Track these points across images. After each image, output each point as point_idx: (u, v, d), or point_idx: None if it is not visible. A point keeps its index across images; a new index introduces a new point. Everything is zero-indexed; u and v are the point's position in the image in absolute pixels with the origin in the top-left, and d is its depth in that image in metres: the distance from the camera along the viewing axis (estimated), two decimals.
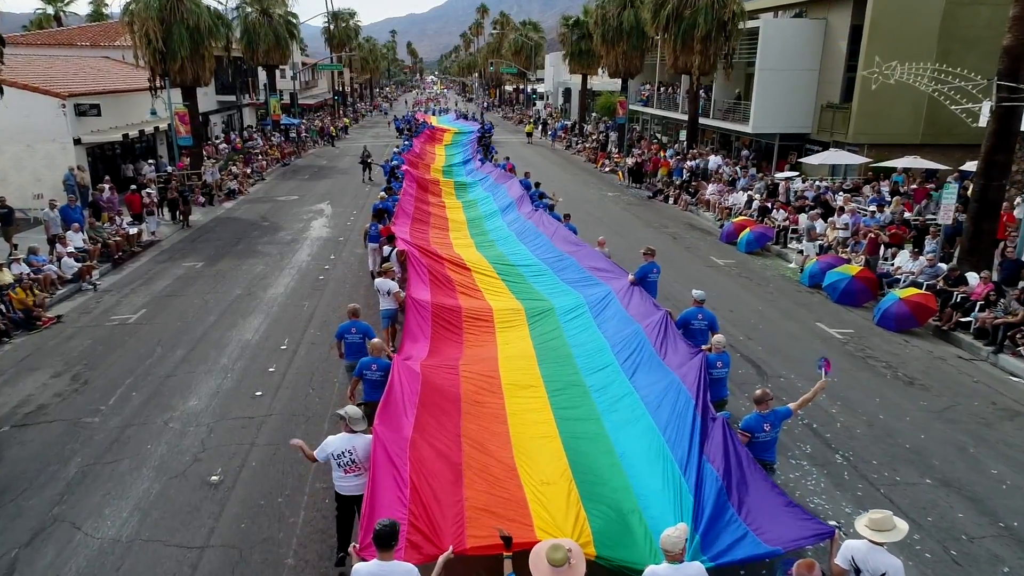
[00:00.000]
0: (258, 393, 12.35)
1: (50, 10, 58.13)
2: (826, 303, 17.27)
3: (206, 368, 13.46)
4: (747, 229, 22.26)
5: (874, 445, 10.69)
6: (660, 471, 7.88)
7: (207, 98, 46.11)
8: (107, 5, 64.45)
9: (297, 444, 7.74)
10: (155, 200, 25.74)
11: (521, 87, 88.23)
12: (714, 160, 30.21)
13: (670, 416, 8.61)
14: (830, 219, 20.82)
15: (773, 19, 33.52)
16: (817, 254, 19.39)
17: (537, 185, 25.96)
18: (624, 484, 7.89)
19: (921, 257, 16.87)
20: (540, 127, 60.07)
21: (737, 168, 28.83)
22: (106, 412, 11.70)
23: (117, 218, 23.46)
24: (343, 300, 17.44)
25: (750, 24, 31.82)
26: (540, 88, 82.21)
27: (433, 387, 9.29)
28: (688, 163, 30.79)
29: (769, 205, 23.72)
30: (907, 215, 19.82)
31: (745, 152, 35.99)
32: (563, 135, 54.37)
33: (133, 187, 25.40)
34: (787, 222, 22.15)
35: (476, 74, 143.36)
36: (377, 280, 13.93)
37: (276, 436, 10.80)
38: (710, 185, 28.21)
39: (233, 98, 49.77)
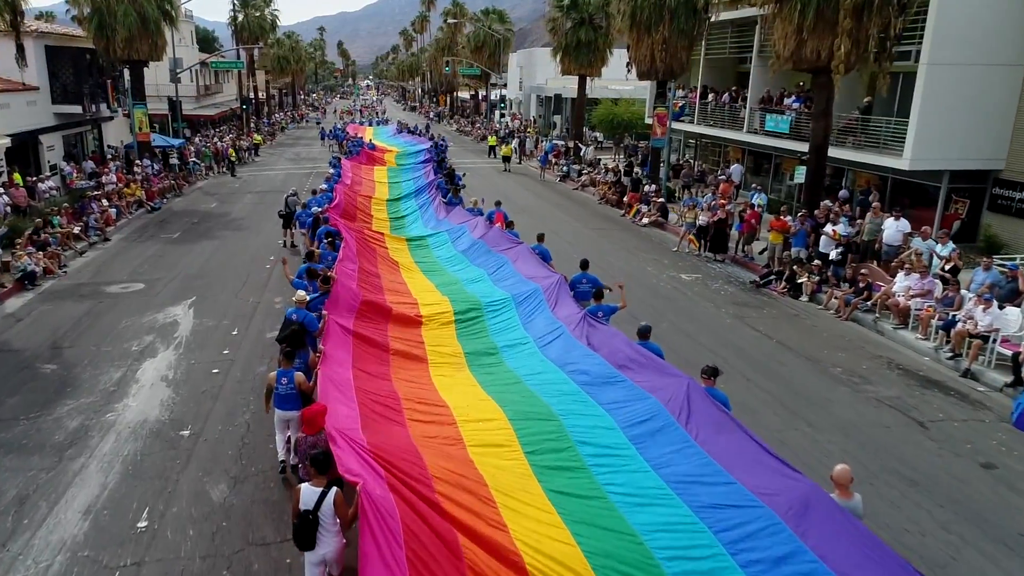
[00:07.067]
0: None
1: None
2: None
3: None
4: None
5: None
6: None
7: (34, 108, 32.98)
8: None
9: None
10: None
11: (483, 93, 76.33)
12: (894, 225, 18.29)
13: None
14: None
15: None
16: None
17: (584, 266, 14.39)
18: None
19: None
20: (518, 148, 47.78)
21: (951, 247, 16.78)
22: None
23: None
24: None
25: None
26: (509, 94, 70.38)
27: None
28: (832, 227, 18.89)
29: None
30: None
31: (845, 192, 24.62)
32: (554, 159, 42.38)
33: None
34: None
35: (419, 78, 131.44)
36: None
37: None
38: (899, 278, 16.45)
39: (79, 109, 36.41)
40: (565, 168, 40.04)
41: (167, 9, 36.84)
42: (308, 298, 12.58)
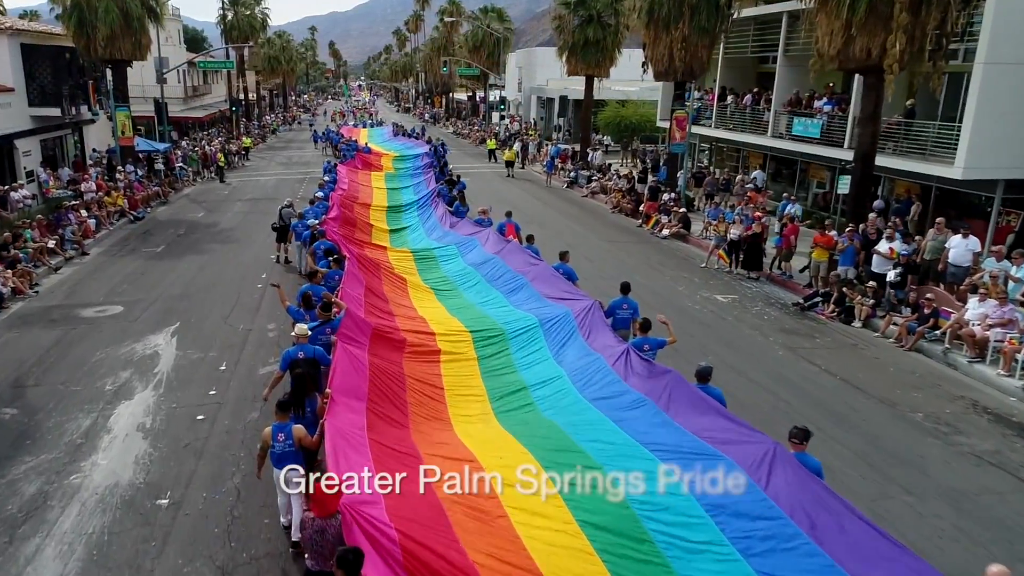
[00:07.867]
0: None
1: None
2: None
3: None
4: None
5: None
6: None
7: (8, 111, 31.00)
8: None
9: None
10: None
11: (480, 94, 74.52)
12: (962, 244, 16.49)
13: None
14: None
15: None
16: None
17: (625, 289, 12.58)
18: None
19: None
20: (520, 152, 45.85)
21: None
22: None
23: None
24: None
25: None
26: (508, 95, 68.55)
27: None
28: (889, 245, 17.16)
29: None
30: None
31: (881, 203, 22.88)
32: (561, 164, 40.58)
33: None
34: None
35: (413, 78, 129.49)
36: None
37: None
38: (971, 304, 14.73)
39: (58, 111, 34.44)
40: (572, 174, 38.25)
41: (151, 5, 34.94)
42: (310, 331, 10.86)
